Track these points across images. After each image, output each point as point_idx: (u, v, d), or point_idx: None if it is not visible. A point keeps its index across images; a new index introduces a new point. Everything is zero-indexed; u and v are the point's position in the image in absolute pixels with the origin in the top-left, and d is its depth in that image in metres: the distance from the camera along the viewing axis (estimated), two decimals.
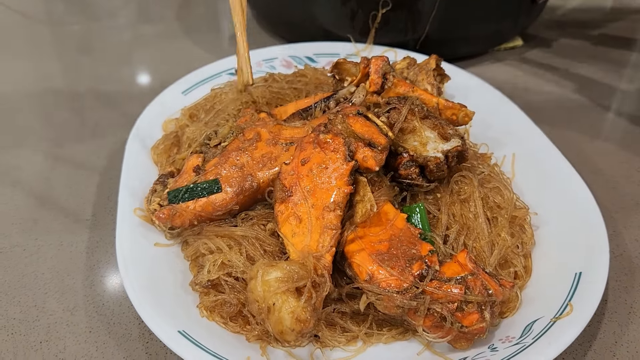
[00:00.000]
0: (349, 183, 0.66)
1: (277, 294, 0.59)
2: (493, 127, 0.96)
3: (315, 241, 0.64)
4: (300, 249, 0.64)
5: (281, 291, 0.59)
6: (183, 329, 0.64)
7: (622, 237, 0.86)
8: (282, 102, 0.94)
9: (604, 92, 1.20)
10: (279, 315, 0.59)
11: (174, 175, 0.82)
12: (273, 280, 0.59)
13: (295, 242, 0.65)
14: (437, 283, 0.61)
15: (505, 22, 1.26)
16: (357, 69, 0.87)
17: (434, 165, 0.72)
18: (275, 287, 0.59)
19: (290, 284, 0.59)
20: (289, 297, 0.59)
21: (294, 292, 0.59)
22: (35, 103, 1.16)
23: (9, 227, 0.87)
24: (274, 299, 0.59)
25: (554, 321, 0.65)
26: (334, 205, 0.65)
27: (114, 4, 1.57)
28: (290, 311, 0.59)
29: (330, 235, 0.64)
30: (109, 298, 0.76)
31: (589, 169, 0.98)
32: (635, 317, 0.74)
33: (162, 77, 1.24)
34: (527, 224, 0.79)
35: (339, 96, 0.83)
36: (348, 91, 0.83)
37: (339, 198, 0.65)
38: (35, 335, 0.72)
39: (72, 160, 1.00)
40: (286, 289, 0.59)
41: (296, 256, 0.64)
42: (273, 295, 0.59)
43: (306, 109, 0.83)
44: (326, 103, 0.83)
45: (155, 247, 0.75)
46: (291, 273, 0.60)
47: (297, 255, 0.64)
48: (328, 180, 0.66)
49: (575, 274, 0.70)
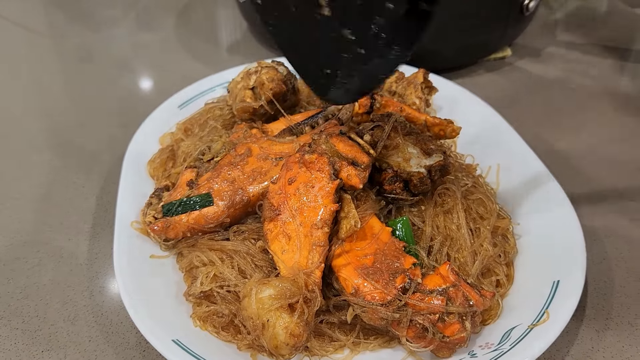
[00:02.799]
0: (334, 201, 0.69)
1: (271, 310, 0.62)
2: (479, 138, 0.98)
3: (304, 258, 0.67)
4: (291, 266, 0.67)
5: (274, 308, 0.62)
6: (177, 337, 0.67)
7: (602, 244, 0.89)
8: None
9: (591, 101, 1.22)
10: (274, 332, 0.62)
11: (169, 188, 0.85)
12: (266, 298, 0.62)
13: (285, 258, 0.68)
14: (419, 295, 0.64)
15: (494, 33, 1.28)
16: None
17: (418, 180, 0.75)
18: (269, 304, 0.62)
19: (283, 301, 0.62)
20: (283, 313, 0.62)
21: (287, 308, 0.62)
22: (35, 116, 1.19)
23: (11, 239, 0.90)
24: (267, 316, 0.62)
25: (531, 328, 0.68)
26: (322, 223, 0.68)
27: (113, 14, 1.60)
28: (284, 327, 0.62)
29: (319, 252, 0.67)
30: (107, 308, 0.79)
31: (573, 178, 1.01)
32: (612, 323, 0.77)
33: (161, 88, 1.27)
34: (509, 234, 0.82)
35: (327, 113, 0.86)
36: (336, 108, 0.86)
37: (326, 216, 0.68)
38: (37, 344, 0.75)
39: (71, 173, 1.03)
40: (279, 306, 0.62)
41: (287, 272, 0.67)
42: (267, 312, 0.62)
43: (297, 125, 0.86)
44: (315, 120, 0.86)
45: (151, 259, 0.79)
46: (284, 290, 0.63)
47: (287, 271, 0.67)
48: (314, 198, 0.69)
49: (554, 282, 0.73)
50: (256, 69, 0.93)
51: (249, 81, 0.92)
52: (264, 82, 0.90)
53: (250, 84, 0.92)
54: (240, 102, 0.91)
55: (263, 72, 0.91)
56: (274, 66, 0.94)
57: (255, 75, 0.92)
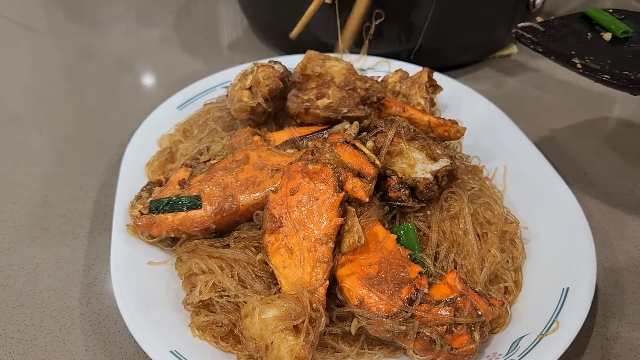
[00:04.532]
0: (339, 214, 0.67)
1: (275, 332, 0.60)
2: (485, 139, 0.96)
3: (308, 274, 0.65)
4: (294, 282, 0.65)
5: (279, 330, 0.60)
6: (175, 348, 0.65)
7: (612, 249, 0.87)
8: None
9: (599, 101, 1.20)
10: (278, 354, 0.60)
11: (162, 184, 0.84)
12: (271, 319, 0.60)
13: (287, 274, 0.66)
14: (426, 306, 0.62)
15: (499, 30, 1.27)
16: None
17: (424, 187, 0.73)
18: (273, 326, 0.60)
19: (288, 323, 0.60)
20: (288, 335, 0.60)
21: (291, 330, 0.60)
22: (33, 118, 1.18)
23: (7, 244, 0.88)
24: (272, 338, 0.60)
25: (540, 338, 0.66)
26: (326, 238, 0.66)
27: (114, 12, 1.58)
28: (289, 349, 0.59)
29: (323, 269, 0.65)
30: (105, 316, 0.78)
31: (581, 180, 0.99)
32: (623, 330, 0.75)
33: (161, 86, 1.26)
34: (517, 239, 0.80)
35: (333, 130, 0.83)
36: (342, 127, 0.83)
37: (330, 230, 0.66)
38: (33, 354, 0.73)
39: (69, 177, 1.01)
40: (284, 327, 0.60)
41: (289, 288, 0.65)
42: (271, 334, 0.60)
43: (300, 138, 0.84)
44: (320, 135, 0.83)
45: (149, 265, 0.77)
46: (288, 311, 0.61)
47: (289, 287, 0.65)
48: (318, 211, 0.67)
49: (563, 289, 0.71)
50: (252, 69, 0.92)
51: (246, 81, 0.91)
52: (260, 80, 0.89)
53: (247, 84, 0.90)
54: (237, 102, 0.89)
55: (259, 71, 0.90)
56: (270, 65, 0.92)
57: (251, 75, 0.91)
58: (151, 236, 0.78)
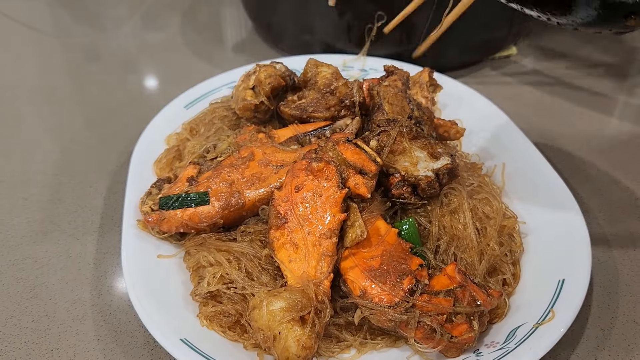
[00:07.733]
0: (342, 210, 0.70)
1: (283, 323, 0.63)
2: (484, 137, 0.99)
3: (313, 268, 0.68)
4: (299, 275, 0.68)
5: (286, 320, 0.63)
6: (185, 337, 0.68)
7: (608, 243, 0.89)
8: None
9: (597, 100, 1.22)
10: (286, 344, 0.62)
11: (171, 181, 0.87)
12: (278, 311, 0.63)
13: (293, 268, 0.69)
14: (426, 296, 0.65)
15: (499, 31, 1.29)
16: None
17: (426, 184, 0.75)
18: (281, 317, 0.63)
19: (294, 314, 0.63)
20: (294, 325, 0.63)
21: (298, 321, 0.63)
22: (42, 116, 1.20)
23: (20, 239, 0.91)
24: (279, 328, 0.63)
25: (535, 327, 0.69)
26: (330, 233, 0.69)
27: (119, 14, 1.60)
28: (296, 339, 0.62)
29: (327, 262, 0.68)
30: (115, 307, 0.80)
31: (578, 177, 1.01)
32: (618, 322, 0.77)
33: (166, 87, 1.28)
34: (515, 233, 0.83)
35: (335, 126, 0.87)
36: (344, 122, 0.86)
37: (334, 225, 0.69)
38: (47, 343, 0.76)
39: (79, 173, 1.03)
40: (291, 318, 0.63)
41: (295, 282, 0.68)
42: (279, 324, 0.63)
43: (304, 134, 0.87)
44: (322, 131, 0.87)
45: (159, 258, 0.79)
46: (295, 302, 0.63)
47: (295, 280, 0.68)
48: (322, 207, 0.70)
49: (559, 281, 0.74)
50: (254, 69, 0.96)
51: (249, 82, 0.95)
52: (262, 79, 0.93)
53: (250, 84, 0.94)
54: (241, 101, 0.92)
55: (261, 71, 0.95)
56: (272, 65, 0.97)
57: (254, 75, 0.95)
58: (161, 231, 0.81)
